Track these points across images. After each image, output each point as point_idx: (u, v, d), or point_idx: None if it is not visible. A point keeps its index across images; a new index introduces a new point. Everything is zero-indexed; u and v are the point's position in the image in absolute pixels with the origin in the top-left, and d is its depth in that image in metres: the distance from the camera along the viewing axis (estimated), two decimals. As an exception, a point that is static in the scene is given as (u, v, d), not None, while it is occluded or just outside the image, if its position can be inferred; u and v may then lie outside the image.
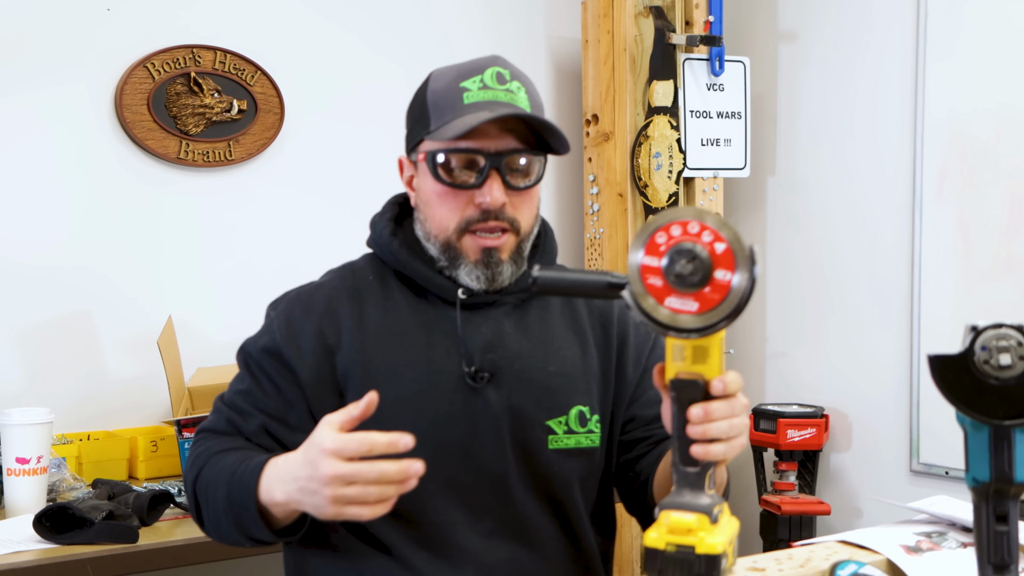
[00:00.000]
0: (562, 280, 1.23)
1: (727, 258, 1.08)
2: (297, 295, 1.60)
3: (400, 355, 1.53)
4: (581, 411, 1.58)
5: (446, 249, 1.54)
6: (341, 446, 1.26)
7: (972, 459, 1.14)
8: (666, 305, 1.09)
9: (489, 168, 1.50)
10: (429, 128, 1.53)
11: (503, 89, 1.53)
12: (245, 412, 1.54)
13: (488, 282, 1.54)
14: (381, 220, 1.63)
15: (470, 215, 1.52)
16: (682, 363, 1.14)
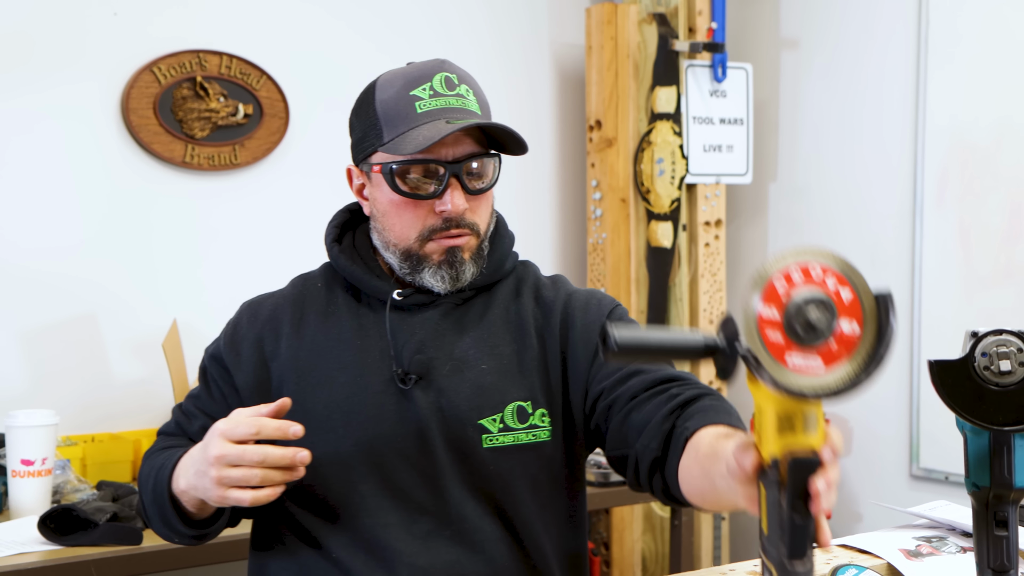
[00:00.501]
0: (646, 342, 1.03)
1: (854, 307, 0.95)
2: (250, 304, 1.64)
3: (334, 360, 1.53)
4: (520, 406, 1.53)
5: (407, 257, 1.54)
6: (231, 427, 1.32)
7: (972, 464, 1.15)
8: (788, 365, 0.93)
9: (448, 176, 1.49)
10: (383, 140, 1.52)
11: (454, 95, 1.53)
12: (191, 414, 1.60)
13: (452, 282, 1.53)
14: (328, 228, 1.65)
15: (432, 224, 1.51)
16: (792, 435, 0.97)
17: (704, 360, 1.01)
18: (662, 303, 3.32)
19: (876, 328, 0.94)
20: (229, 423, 1.34)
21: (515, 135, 1.50)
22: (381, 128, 1.52)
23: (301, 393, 1.52)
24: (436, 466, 1.50)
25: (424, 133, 1.47)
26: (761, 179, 3.56)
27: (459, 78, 1.55)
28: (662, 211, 3.29)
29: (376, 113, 1.53)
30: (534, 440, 1.53)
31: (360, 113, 1.58)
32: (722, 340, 0.99)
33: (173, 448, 1.55)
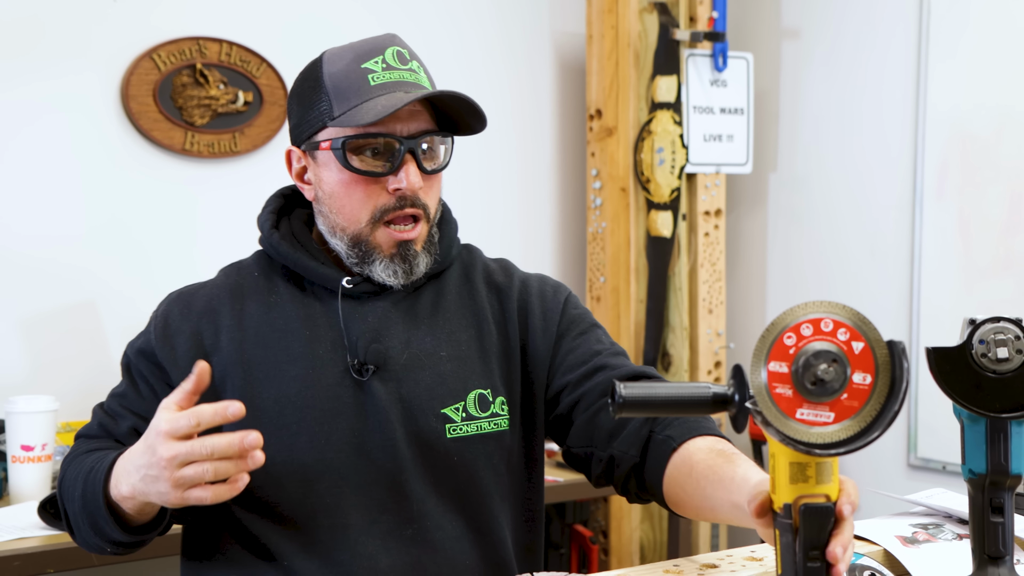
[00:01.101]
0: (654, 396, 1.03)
1: (866, 358, 0.95)
2: (179, 295, 1.55)
3: (282, 352, 1.45)
4: (481, 394, 1.49)
5: (357, 243, 1.47)
6: (172, 426, 1.23)
7: (968, 451, 1.16)
8: (798, 418, 0.95)
9: (404, 152, 1.43)
10: (333, 114, 1.43)
11: (407, 69, 1.46)
12: (117, 415, 1.50)
13: (406, 276, 1.47)
14: (263, 215, 1.56)
15: (385, 203, 1.44)
16: (804, 484, 0.98)
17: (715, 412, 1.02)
18: (661, 292, 3.32)
19: (889, 379, 0.95)
20: (169, 421, 1.24)
21: (474, 106, 1.45)
22: (331, 102, 1.44)
23: (249, 388, 1.44)
24: (397, 460, 1.44)
25: (383, 103, 1.41)
26: (761, 169, 3.56)
27: (410, 54, 1.49)
28: (662, 200, 3.29)
29: (324, 87, 1.45)
30: (496, 429, 1.50)
31: (304, 90, 1.49)
32: (731, 393, 0.99)
33: (98, 451, 1.45)
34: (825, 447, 0.94)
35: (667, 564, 1.36)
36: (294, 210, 1.58)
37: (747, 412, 0.98)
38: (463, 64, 3.36)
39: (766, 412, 0.95)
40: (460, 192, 3.39)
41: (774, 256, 3.56)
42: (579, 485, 2.84)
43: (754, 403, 0.96)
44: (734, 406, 0.99)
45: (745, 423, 0.99)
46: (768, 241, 3.57)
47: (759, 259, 3.60)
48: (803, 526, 0.98)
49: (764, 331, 0.96)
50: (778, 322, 0.96)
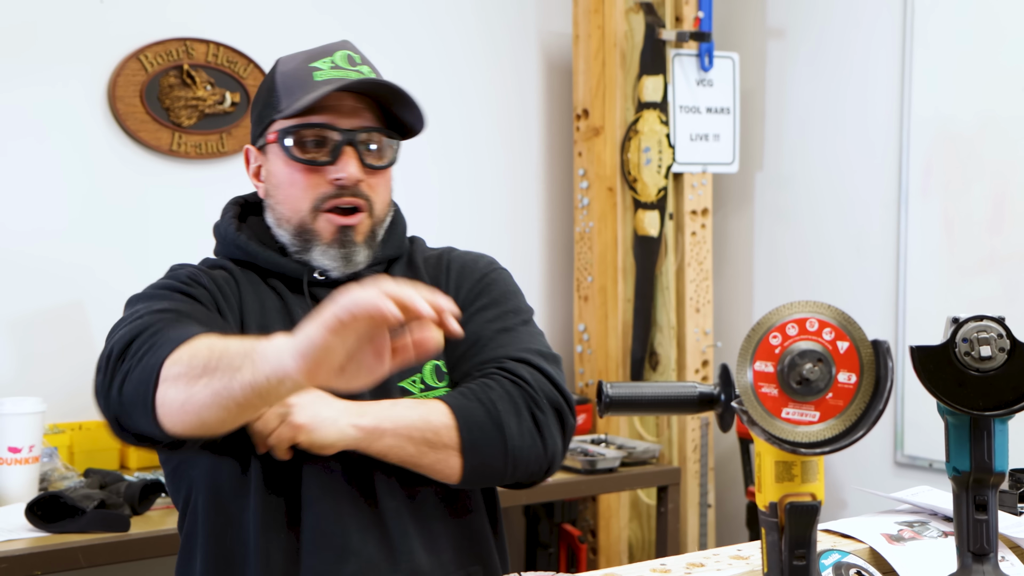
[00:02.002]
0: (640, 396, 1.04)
1: (851, 358, 0.96)
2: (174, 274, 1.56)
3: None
4: (436, 365, 1.52)
5: (299, 232, 1.51)
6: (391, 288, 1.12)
7: (953, 449, 1.16)
8: (783, 417, 0.96)
9: (343, 144, 1.48)
10: (279, 108, 1.50)
11: (354, 70, 1.51)
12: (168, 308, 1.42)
13: (343, 261, 1.50)
14: (223, 220, 1.60)
15: (325, 191, 1.48)
16: (790, 483, 0.98)
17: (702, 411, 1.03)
18: (649, 292, 3.33)
19: (874, 378, 0.95)
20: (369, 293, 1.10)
21: (414, 103, 1.48)
22: (279, 98, 1.51)
23: None
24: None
25: (319, 90, 1.46)
26: (747, 168, 3.58)
27: (361, 58, 1.54)
28: (649, 200, 3.29)
29: (275, 85, 1.52)
30: None
31: (260, 92, 1.57)
32: (718, 392, 1.00)
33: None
34: (810, 446, 0.95)
35: (654, 563, 1.36)
36: (247, 218, 1.62)
37: (733, 411, 0.98)
38: (446, 65, 3.36)
39: (752, 411, 0.96)
40: (448, 192, 3.39)
41: (760, 255, 3.57)
42: (568, 484, 2.85)
43: (740, 402, 0.96)
44: (720, 405, 1.00)
45: (731, 422, 1.00)
46: (755, 240, 3.59)
47: (746, 258, 3.61)
48: (789, 524, 0.98)
49: (750, 331, 0.97)
50: (764, 322, 0.97)
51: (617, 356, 3.31)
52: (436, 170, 3.31)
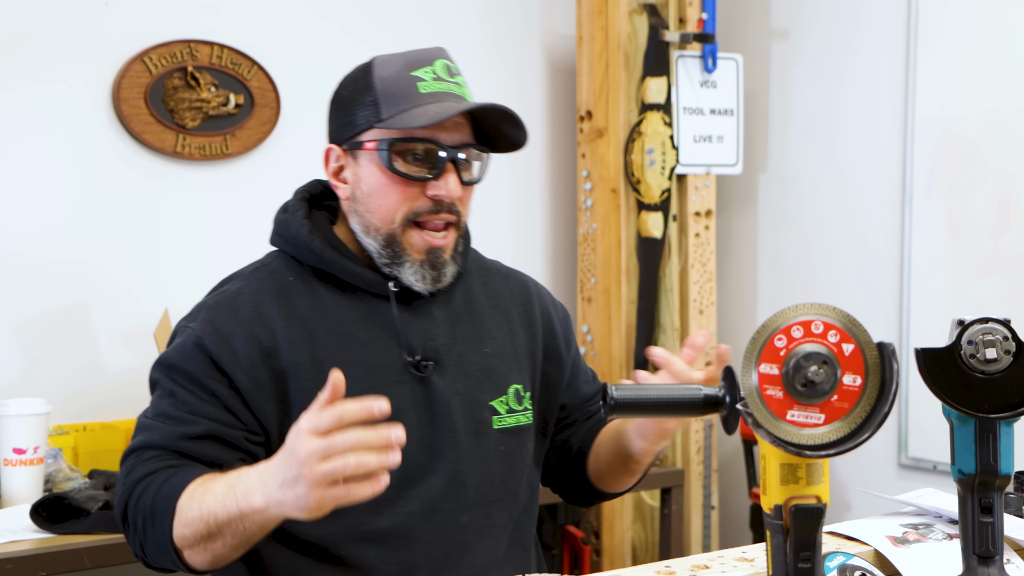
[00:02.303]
0: (645, 399, 1.04)
1: (856, 360, 0.96)
2: (216, 303, 1.51)
3: (339, 353, 1.48)
4: (517, 389, 1.59)
5: (389, 243, 1.50)
6: (314, 422, 1.20)
7: (958, 451, 1.16)
8: (788, 419, 0.95)
9: (447, 161, 1.48)
10: (380, 116, 1.48)
11: (453, 82, 1.52)
12: (184, 420, 1.42)
13: (434, 282, 1.52)
14: (293, 219, 1.56)
15: (420, 206, 1.49)
16: (795, 485, 0.98)
17: (707, 413, 1.03)
18: (652, 293, 3.33)
19: (879, 381, 0.96)
20: (310, 418, 1.20)
21: (518, 120, 1.51)
22: (379, 105, 1.49)
23: (313, 389, 1.43)
24: (457, 450, 1.52)
25: (433, 109, 1.46)
26: (751, 170, 3.58)
27: (456, 69, 1.55)
28: (652, 201, 3.29)
29: (374, 90, 1.50)
30: (528, 422, 1.60)
31: (351, 91, 1.54)
32: (722, 394, 1.00)
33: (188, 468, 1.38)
34: (815, 448, 0.95)
35: (659, 565, 1.36)
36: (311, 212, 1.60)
37: (738, 414, 0.98)
38: (454, 66, 3.36)
39: (757, 414, 0.96)
40: (451, 194, 3.39)
41: (764, 256, 3.57)
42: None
43: (745, 405, 0.96)
44: (725, 408, 1.01)
45: (736, 425, 1.00)
46: (758, 241, 3.58)
47: (749, 260, 3.61)
48: (794, 527, 0.98)
49: (755, 333, 0.97)
50: (769, 324, 0.97)
51: (620, 358, 3.31)
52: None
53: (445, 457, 1.51)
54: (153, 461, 1.41)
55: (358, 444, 1.19)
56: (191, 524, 1.32)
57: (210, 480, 1.35)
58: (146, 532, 1.37)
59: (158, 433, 1.42)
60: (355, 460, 1.18)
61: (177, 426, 1.42)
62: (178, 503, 1.34)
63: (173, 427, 1.42)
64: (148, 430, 1.44)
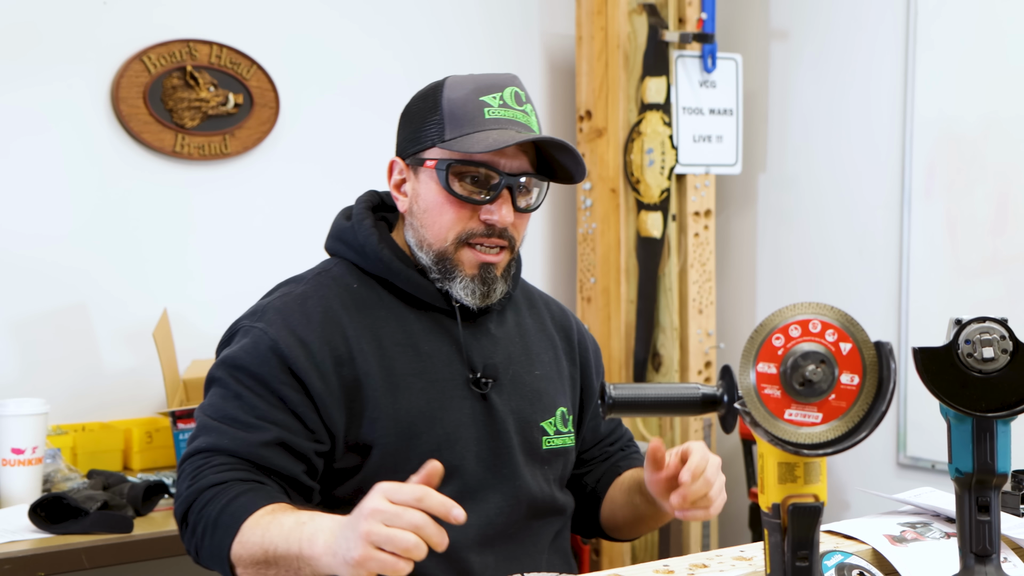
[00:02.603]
0: (643, 398, 1.05)
1: (854, 359, 0.96)
2: (284, 305, 1.51)
3: (406, 365, 1.51)
4: (563, 411, 1.63)
5: (440, 260, 1.53)
6: (393, 490, 1.22)
7: (955, 450, 1.17)
8: (786, 418, 0.96)
9: (503, 187, 1.50)
10: (444, 137, 1.51)
11: (520, 110, 1.54)
12: (252, 425, 1.43)
13: (483, 297, 1.54)
14: (361, 227, 1.57)
15: (473, 228, 1.51)
16: (793, 484, 0.98)
17: (705, 412, 1.03)
18: (652, 293, 3.33)
19: (877, 380, 0.96)
20: (393, 485, 1.22)
21: (578, 158, 1.52)
22: (444, 125, 1.51)
23: (381, 399, 1.47)
24: (512, 467, 1.55)
25: (494, 136, 1.48)
26: (750, 169, 3.58)
27: (526, 96, 1.57)
28: (652, 201, 3.29)
29: (442, 110, 1.52)
30: (570, 444, 1.64)
31: (420, 108, 1.56)
32: (720, 393, 1.00)
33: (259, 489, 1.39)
34: (813, 447, 0.95)
35: (657, 564, 1.36)
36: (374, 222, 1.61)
37: (736, 413, 0.99)
38: (452, 66, 3.35)
39: (755, 413, 0.96)
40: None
41: (764, 256, 3.57)
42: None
43: (743, 404, 0.96)
44: (723, 407, 1.01)
45: (734, 424, 1.00)
46: (758, 241, 3.58)
47: (749, 259, 3.61)
48: (792, 526, 0.98)
49: (753, 332, 0.97)
50: (767, 323, 0.97)
51: (620, 357, 3.31)
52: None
53: (502, 473, 1.55)
54: (223, 470, 1.41)
55: (420, 528, 1.20)
56: (250, 548, 1.35)
57: (280, 511, 1.36)
58: (204, 539, 1.40)
59: (227, 438, 1.43)
60: (413, 541, 1.19)
61: (246, 432, 1.42)
62: (244, 524, 1.35)
63: (242, 433, 1.42)
64: (215, 433, 1.44)
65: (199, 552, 1.43)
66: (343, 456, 1.49)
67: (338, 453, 1.48)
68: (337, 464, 1.49)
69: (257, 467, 1.43)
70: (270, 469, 1.43)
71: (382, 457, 1.48)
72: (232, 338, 1.54)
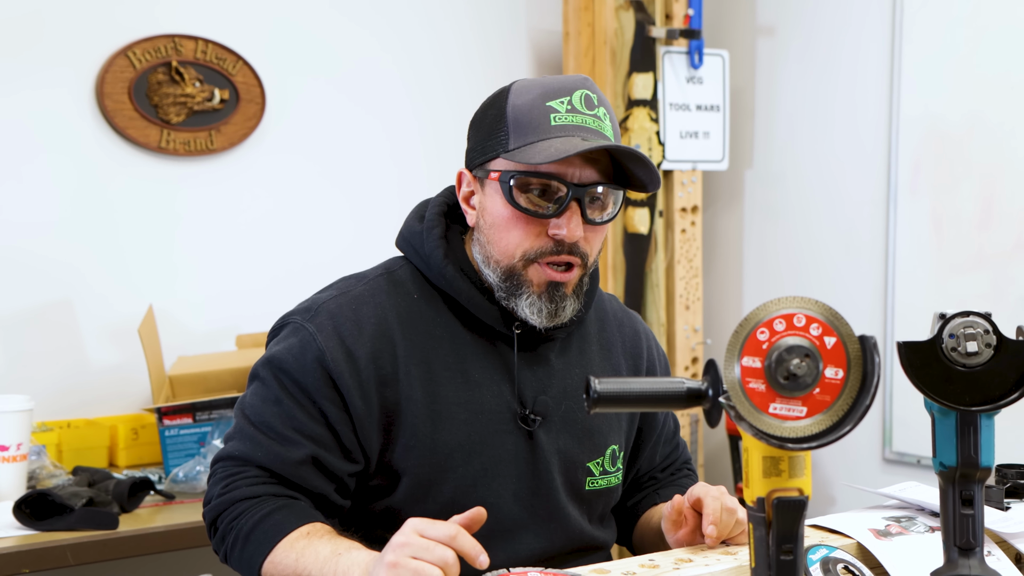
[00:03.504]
0: (628, 392, 1.03)
1: (838, 353, 0.96)
2: (338, 308, 1.45)
3: (452, 392, 1.45)
4: (613, 450, 1.57)
5: (508, 277, 1.44)
6: (427, 526, 1.21)
7: (939, 444, 1.17)
8: (771, 412, 0.96)
9: (571, 199, 1.40)
10: (508, 147, 1.41)
11: (591, 115, 1.43)
12: (289, 439, 1.40)
13: (550, 317, 1.44)
14: (430, 236, 1.49)
15: (542, 246, 1.42)
16: (778, 478, 0.98)
17: (690, 407, 1.03)
18: (639, 289, 3.33)
19: (861, 373, 0.96)
20: (425, 521, 1.22)
21: (651, 168, 1.41)
22: (508, 134, 1.42)
23: (420, 426, 1.43)
24: (549, 507, 1.50)
25: (557, 145, 1.38)
26: (737, 166, 3.58)
27: (598, 100, 1.45)
28: (639, 197, 3.30)
29: (506, 117, 1.43)
30: (617, 483, 1.59)
31: (486, 116, 1.47)
32: (705, 388, 1.00)
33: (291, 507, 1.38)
34: (797, 441, 0.95)
35: (643, 558, 1.36)
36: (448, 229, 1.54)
37: (721, 407, 0.99)
38: (440, 62, 3.36)
39: (739, 407, 0.96)
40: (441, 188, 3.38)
41: (750, 252, 3.58)
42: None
43: (727, 398, 0.96)
44: (708, 401, 1.00)
45: (719, 418, 1.00)
46: (744, 238, 3.59)
47: (735, 255, 3.62)
48: (776, 519, 0.98)
49: (737, 326, 0.97)
50: (751, 317, 0.97)
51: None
52: (428, 166, 3.31)
53: (538, 515, 1.50)
54: (256, 483, 1.41)
55: (448, 566, 1.19)
56: (282, 568, 1.34)
57: (316, 536, 1.34)
58: (233, 549, 1.40)
59: (262, 451, 1.41)
60: (432, 573, 1.18)
61: (281, 446, 1.41)
62: (277, 545, 1.35)
63: (277, 447, 1.41)
64: (250, 441, 1.42)
65: (228, 558, 1.43)
66: (375, 476, 1.46)
67: (372, 474, 1.45)
68: (371, 483, 1.47)
69: (289, 483, 1.42)
70: (301, 486, 1.42)
71: (414, 485, 1.44)
72: (281, 330, 1.48)
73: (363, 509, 1.48)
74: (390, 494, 1.46)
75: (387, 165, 3.25)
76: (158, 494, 2.42)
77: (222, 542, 1.43)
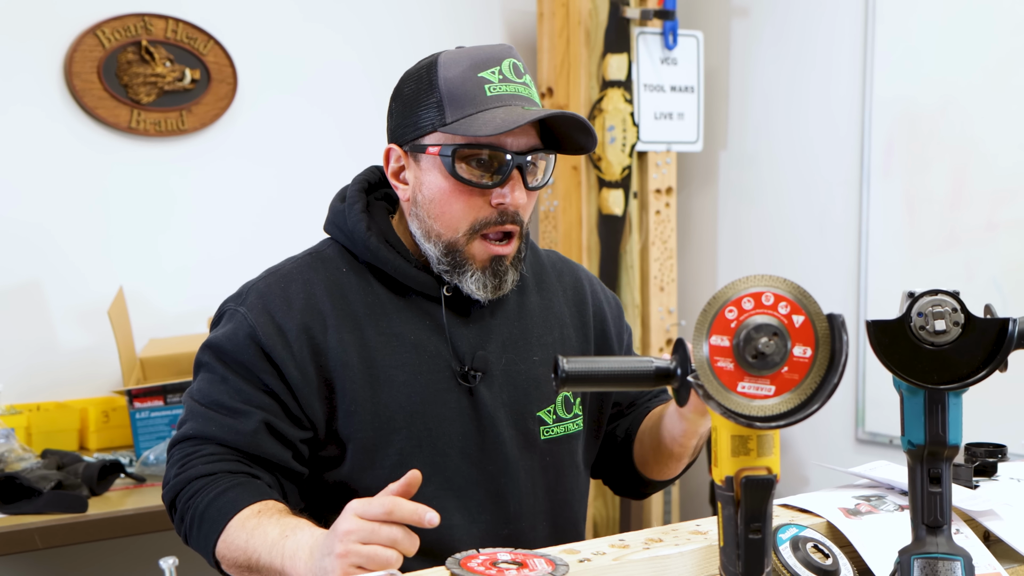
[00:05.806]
0: (596, 371, 1.02)
1: (806, 332, 0.96)
2: (267, 287, 1.48)
3: (389, 356, 1.46)
4: (566, 396, 1.56)
5: (450, 252, 1.46)
6: (365, 507, 1.21)
7: (908, 423, 1.17)
8: (739, 391, 0.95)
9: (512, 167, 1.41)
10: (444, 120, 1.42)
11: (521, 83, 1.45)
12: (239, 411, 1.42)
13: (495, 290, 1.47)
14: (351, 211, 1.50)
15: (486, 216, 1.43)
16: (746, 457, 0.98)
17: (658, 385, 1.02)
18: (613, 270, 3.33)
19: (829, 352, 0.96)
20: (362, 502, 1.22)
21: (591, 132, 1.44)
22: (444, 107, 1.42)
23: (359, 391, 1.44)
24: (499, 463, 1.50)
25: (501, 115, 1.39)
26: (711, 147, 3.58)
27: (524, 67, 1.48)
28: (613, 179, 3.29)
29: (439, 90, 1.43)
30: (576, 429, 1.58)
31: (414, 90, 1.47)
32: (674, 367, 1.00)
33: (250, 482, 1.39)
34: (766, 420, 0.95)
35: (613, 539, 1.36)
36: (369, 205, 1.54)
37: (689, 386, 0.98)
38: (407, 42, 3.33)
39: (708, 385, 0.96)
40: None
41: (724, 234, 3.58)
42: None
43: (696, 377, 0.96)
44: (676, 380, 1.00)
45: (687, 397, 1.00)
46: (718, 219, 3.59)
47: (710, 237, 3.62)
48: (745, 498, 0.98)
49: (706, 305, 0.96)
50: (720, 296, 0.97)
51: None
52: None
53: (487, 470, 1.50)
54: (211, 460, 1.41)
55: (397, 542, 1.20)
56: (234, 550, 1.35)
57: (266, 515, 1.35)
58: (191, 530, 1.40)
59: (215, 425, 1.42)
60: (392, 555, 1.19)
61: (233, 419, 1.42)
62: (229, 524, 1.35)
63: (230, 420, 1.42)
64: (203, 419, 1.43)
65: (188, 540, 1.43)
66: (326, 445, 1.46)
67: (324, 440, 1.46)
68: (322, 453, 1.47)
69: (246, 455, 1.42)
70: (259, 456, 1.42)
71: (359, 452, 1.45)
72: (219, 320, 1.50)
73: (319, 480, 1.49)
74: (342, 463, 1.46)
75: (360, 145, 3.23)
76: (128, 477, 2.41)
77: (181, 522, 1.43)
